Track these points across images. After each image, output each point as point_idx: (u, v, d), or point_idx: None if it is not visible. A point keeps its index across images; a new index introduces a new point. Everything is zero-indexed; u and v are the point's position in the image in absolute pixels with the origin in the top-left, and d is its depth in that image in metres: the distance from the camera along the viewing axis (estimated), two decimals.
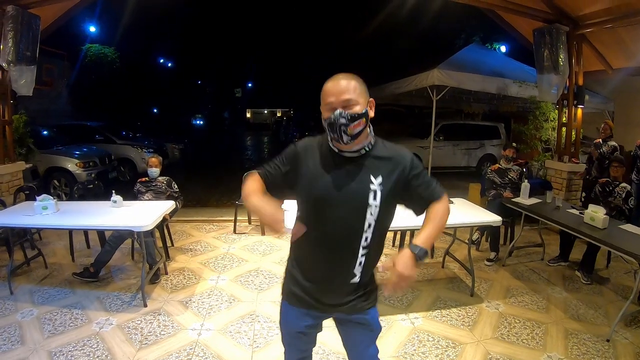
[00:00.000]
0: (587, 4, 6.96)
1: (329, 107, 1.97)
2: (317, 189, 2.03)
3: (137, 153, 13.15)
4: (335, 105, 1.95)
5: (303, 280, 2.23)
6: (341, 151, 2.05)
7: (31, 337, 4.06)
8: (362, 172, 2.02)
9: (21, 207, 5.43)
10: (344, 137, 1.95)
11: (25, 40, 6.46)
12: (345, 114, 1.93)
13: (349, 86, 1.97)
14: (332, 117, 1.95)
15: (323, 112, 2.02)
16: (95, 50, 18.78)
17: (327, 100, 1.98)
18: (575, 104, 7.82)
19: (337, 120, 1.93)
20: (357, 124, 1.95)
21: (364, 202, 2.00)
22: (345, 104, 1.95)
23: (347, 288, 2.16)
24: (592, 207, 5.01)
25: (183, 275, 5.58)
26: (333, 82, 2.00)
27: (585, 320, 4.62)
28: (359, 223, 2.03)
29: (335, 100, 1.95)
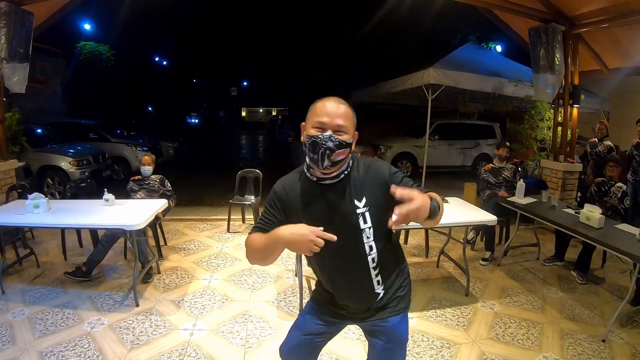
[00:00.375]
0: (583, 3, 6.94)
1: (319, 126, 1.92)
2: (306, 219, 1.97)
3: (131, 151, 13.12)
4: (328, 126, 1.91)
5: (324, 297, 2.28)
6: (320, 179, 2.02)
7: (22, 337, 4.02)
8: (345, 198, 2.00)
9: (13, 205, 5.38)
10: (325, 161, 1.89)
11: (18, 37, 6.40)
12: (335, 139, 1.88)
13: (344, 113, 1.94)
14: (320, 137, 1.88)
15: (308, 129, 1.96)
16: (90, 48, 18.70)
17: (318, 119, 1.92)
18: (571, 104, 7.81)
19: (325, 142, 1.87)
20: (341, 152, 1.91)
21: (356, 228, 1.99)
22: (337, 129, 1.91)
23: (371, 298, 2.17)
24: (587, 206, 5.00)
25: (176, 275, 5.55)
26: (329, 102, 1.95)
27: (581, 320, 4.61)
28: (359, 248, 2.02)
29: (329, 121, 1.91)
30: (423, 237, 6.68)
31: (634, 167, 7.23)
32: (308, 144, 1.91)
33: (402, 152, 13.68)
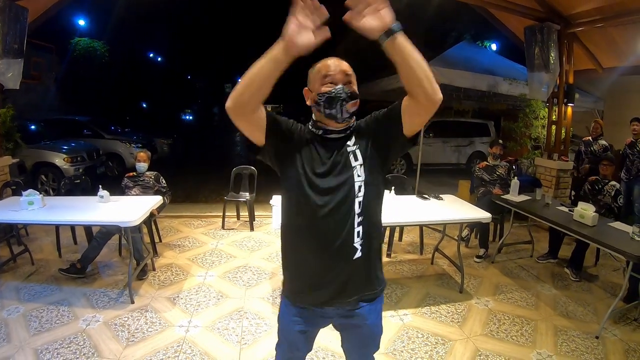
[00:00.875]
0: (578, 2, 6.96)
1: (329, 81, 1.93)
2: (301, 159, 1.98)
3: (125, 148, 13.07)
4: (337, 79, 1.92)
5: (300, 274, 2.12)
6: (326, 133, 2.02)
7: (17, 335, 4.01)
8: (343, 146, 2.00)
9: (7, 202, 5.36)
10: (343, 113, 1.92)
11: (12, 33, 6.37)
12: (347, 90, 1.91)
13: (347, 65, 1.96)
14: (334, 91, 1.90)
15: (317, 88, 1.96)
16: (84, 44, 18.66)
17: (325, 73, 1.94)
18: (566, 102, 7.84)
19: (340, 94, 1.89)
20: (353, 103, 1.94)
21: (348, 166, 1.98)
22: (347, 80, 1.93)
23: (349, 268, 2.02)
24: (581, 204, 5.03)
25: (171, 272, 5.55)
26: (330, 60, 1.97)
27: (575, 317, 4.63)
28: (348, 188, 1.96)
29: (337, 75, 1.93)
30: (417, 234, 6.70)
31: (627, 166, 7.26)
32: (322, 101, 1.92)
33: None
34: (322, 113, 1.95)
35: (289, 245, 2.14)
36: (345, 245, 1.98)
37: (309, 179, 1.96)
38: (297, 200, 2.00)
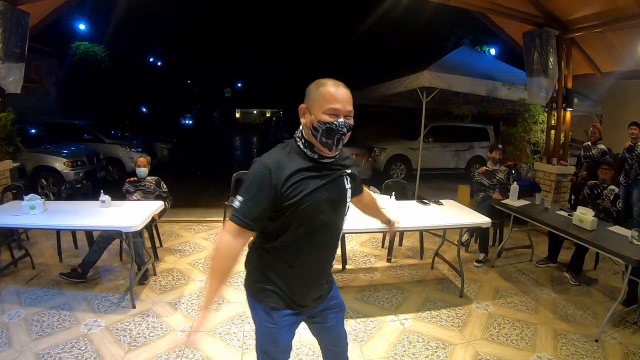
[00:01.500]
0: (577, 8, 7.00)
1: (333, 113, 1.98)
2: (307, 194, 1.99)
3: (125, 152, 13.08)
4: (341, 113, 1.99)
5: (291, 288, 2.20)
6: (321, 157, 2.09)
7: (18, 339, 4.02)
8: (338, 172, 2.15)
9: (8, 206, 5.37)
10: (339, 144, 2.02)
11: (14, 37, 6.39)
12: (347, 125, 2.00)
13: (350, 98, 2.04)
14: (336, 124, 1.97)
15: (318, 114, 1.99)
16: (85, 48, 18.65)
17: (331, 106, 1.98)
18: (564, 107, 7.87)
19: (341, 129, 1.98)
20: (348, 135, 2.03)
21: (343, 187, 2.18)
22: (348, 114, 2.02)
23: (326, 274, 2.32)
24: (580, 209, 5.05)
25: (172, 276, 5.56)
26: (338, 88, 2.02)
27: (574, 320, 4.66)
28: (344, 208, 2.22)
29: (342, 108, 1.99)
30: (418, 239, 6.72)
31: (626, 170, 7.28)
32: (322, 130, 1.97)
33: (396, 154, 13.71)
34: (318, 140, 2.01)
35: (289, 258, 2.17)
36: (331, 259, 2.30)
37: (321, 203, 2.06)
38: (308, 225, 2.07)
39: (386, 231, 1.91)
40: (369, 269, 6.02)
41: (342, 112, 1.98)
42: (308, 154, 2.07)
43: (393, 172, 13.58)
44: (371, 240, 7.12)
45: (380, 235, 7.01)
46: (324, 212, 2.07)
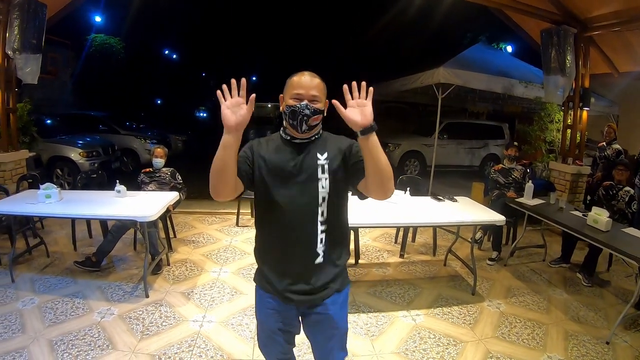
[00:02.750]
0: (595, 6, 6.94)
1: (296, 97, 2.14)
2: (270, 166, 2.17)
3: (140, 144, 13.16)
4: (304, 97, 2.13)
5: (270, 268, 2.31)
6: (293, 138, 2.23)
7: (32, 326, 4.07)
8: (310, 151, 2.20)
9: (24, 195, 5.43)
10: (303, 125, 2.14)
11: (31, 29, 6.45)
12: (310, 107, 2.12)
13: (317, 84, 2.18)
14: (298, 106, 2.11)
15: (286, 100, 2.18)
16: (100, 40, 18.77)
17: (295, 91, 2.14)
18: (581, 106, 7.80)
19: (303, 110, 2.11)
20: (316, 118, 2.15)
21: (314, 176, 2.16)
22: (312, 98, 2.14)
23: (311, 270, 2.24)
24: (595, 209, 5.02)
25: (185, 267, 5.60)
26: (303, 76, 2.19)
27: (586, 322, 4.63)
28: (313, 197, 2.17)
29: (305, 93, 2.13)
30: (431, 235, 6.70)
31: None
32: (288, 112, 2.15)
33: (410, 150, 13.66)
34: (288, 123, 2.20)
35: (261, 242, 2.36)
36: (307, 249, 2.21)
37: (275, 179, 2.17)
38: (265, 200, 2.21)
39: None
40: (381, 264, 6.02)
41: (305, 97, 2.13)
42: (283, 136, 2.27)
43: (407, 168, 13.54)
44: (384, 236, 7.12)
45: (394, 231, 7.01)
46: (278, 185, 2.17)
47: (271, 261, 2.30)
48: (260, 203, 2.26)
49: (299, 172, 2.17)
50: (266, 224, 2.28)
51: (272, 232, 2.26)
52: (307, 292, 2.25)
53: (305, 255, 2.22)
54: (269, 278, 2.29)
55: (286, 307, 2.31)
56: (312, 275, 2.25)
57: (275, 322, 2.34)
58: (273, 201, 2.16)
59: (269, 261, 2.31)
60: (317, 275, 2.25)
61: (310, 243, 2.20)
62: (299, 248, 2.21)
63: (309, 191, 2.16)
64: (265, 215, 2.26)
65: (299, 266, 2.24)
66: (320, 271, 2.25)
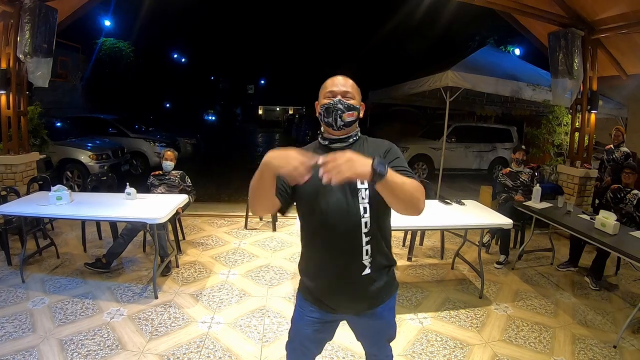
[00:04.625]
0: (603, 9, 6.94)
1: (330, 95, 2.15)
2: (311, 181, 1.94)
3: (149, 147, 13.24)
4: (336, 93, 2.14)
5: (314, 281, 2.29)
6: (331, 143, 2.21)
7: (42, 325, 4.12)
8: None
9: (35, 197, 5.49)
10: (338, 121, 2.12)
11: (42, 33, 6.52)
12: (344, 102, 2.12)
13: (350, 84, 2.20)
14: (331, 102, 2.12)
15: (321, 101, 2.18)
16: (110, 44, 18.88)
17: (328, 90, 2.17)
18: (589, 109, 7.78)
19: (336, 105, 2.11)
20: (350, 114, 2.13)
21: (353, 186, 2.08)
22: (345, 94, 2.14)
23: (360, 283, 2.17)
24: (603, 212, 5.00)
25: (194, 269, 5.63)
26: (335, 78, 2.20)
27: (593, 326, 4.62)
28: (355, 208, 2.09)
29: (337, 90, 2.15)
30: (439, 238, 6.71)
31: None
32: (322, 111, 2.15)
33: (418, 153, 13.66)
34: (324, 122, 2.18)
35: (305, 255, 2.34)
36: (353, 262, 2.14)
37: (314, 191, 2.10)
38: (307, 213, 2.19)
39: None
40: None
41: (338, 93, 2.14)
42: (321, 142, 2.26)
43: (415, 171, 13.52)
44: (392, 239, 7.10)
45: (401, 234, 7.01)
46: (323, 200, 2.10)
47: (315, 276, 2.27)
48: (302, 216, 2.24)
49: (343, 185, 2.05)
50: (309, 237, 2.25)
51: (316, 245, 2.22)
52: (355, 304, 2.25)
53: (351, 269, 2.15)
54: (313, 291, 2.29)
55: (328, 316, 2.32)
56: (361, 288, 2.19)
57: (312, 330, 2.35)
58: (314, 214, 2.13)
59: (313, 275, 2.29)
60: (364, 287, 2.19)
61: (356, 255, 2.13)
62: (344, 262, 2.14)
63: (350, 202, 2.08)
64: (308, 227, 2.23)
65: (345, 280, 2.17)
66: (369, 283, 2.19)
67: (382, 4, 21.68)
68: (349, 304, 2.25)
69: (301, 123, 26.55)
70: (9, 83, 6.61)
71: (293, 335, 2.45)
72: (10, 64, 6.61)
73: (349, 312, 2.30)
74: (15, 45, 6.51)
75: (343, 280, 2.17)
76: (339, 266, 2.15)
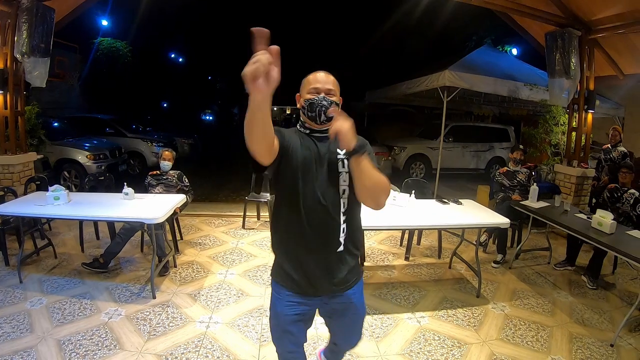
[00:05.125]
0: (600, 9, 6.96)
1: (314, 91, 2.31)
2: (298, 162, 2.26)
3: (147, 147, 13.20)
4: (320, 90, 2.30)
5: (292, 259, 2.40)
6: (312, 132, 2.38)
7: (40, 326, 4.11)
8: (329, 146, 2.33)
9: (32, 197, 5.49)
10: (322, 116, 2.28)
11: (39, 33, 6.51)
12: (328, 99, 2.29)
13: (332, 80, 2.35)
14: (315, 98, 2.28)
15: (304, 95, 2.35)
16: (107, 43, 18.83)
17: (312, 86, 2.32)
18: (586, 109, 7.81)
19: (321, 102, 2.27)
20: (333, 110, 2.25)
21: (335, 170, 2.30)
22: (328, 92, 2.31)
23: (334, 258, 2.36)
24: (600, 212, 5.02)
25: (192, 269, 5.63)
26: (318, 73, 2.36)
27: (590, 324, 4.63)
28: (335, 189, 2.30)
29: (321, 87, 2.31)
30: (436, 238, 6.73)
31: None
32: (306, 105, 2.31)
33: (415, 153, 13.65)
34: (306, 116, 2.35)
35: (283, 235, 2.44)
36: (331, 238, 2.33)
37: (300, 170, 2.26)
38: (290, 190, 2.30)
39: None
40: (386, 266, 6.05)
41: (321, 90, 2.30)
42: (301, 130, 2.41)
43: (412, 171, 13.55)
44: (389, 238, 7.14)
45: (399, 234, 7.03)
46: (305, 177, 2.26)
47: (294, 252, 2.38)
48: (283, 194, 2.35)
49: (322, 165, 2.29)
50: (290, 215, 2.34)
51: (297, 223, 2.31)
52: (330, 281, 2.39)
53: (329, 245, 2.33)
54: (290, 270, 2.39)
55: (306, 299, 2.44)
56: (335, 264, 2.37)
57: (293, 313, 2.44)
58: (299, 192, 2.26)
59: (292, 252, 2.39)
60: (338, 264, 2.38)
61: (335, 232, 2.32)
62: (324, 238, 2.32)
63: (333, 184, 2.28)
64: (290, 206, 2.32)
65: (323, 255, 2.35)
66: (342, 260, 2.39)
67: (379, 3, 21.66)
68: (324, 281, 2.38)
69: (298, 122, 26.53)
70: (6, 83, 6.60)
71: (275, 325, 2.54)
72: (7, 64, 6.60)
73: (324, 291, 2.42)
74: (13, 45, 6.51)
75: (321, 256, 2.35)
76: (318, 242, 2.32)
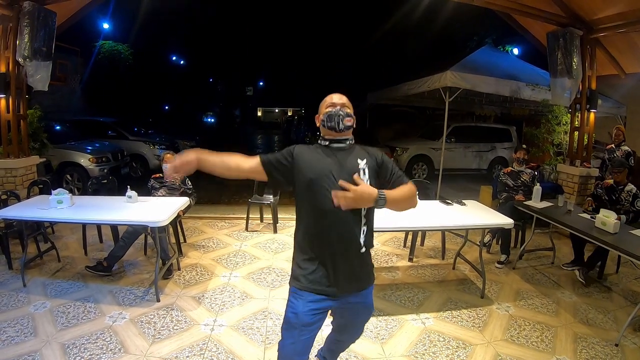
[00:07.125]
0: (601, 8, 6.95)
1: (331, 106, 2.61)
2: (315, 172, 2.47)
3: (149, 149, 13.22)
4: (337, 104, 2.61)
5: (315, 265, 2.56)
6: (331, 143, 2.61)
7: (44, 329, 4.11)
8: (350, 156, 2.57)
9: (35, 200, 5.49)
10: (340, 124, 2.55)
11: (41, 36, 6.52)
12: (343, 110, 2.59)
13: (344, 98, 2.67)
14: (333, 110, 2.58)
15: (323, 111, 2.64)
16: (109, 46, 18.87)
17: (329, 103, 2.63)
18: (588, 108, 7.80)
19: (338, 112, 2.57)
20: (349, 119, 2.59)
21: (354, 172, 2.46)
22: (343, 106, 2.61)
23: (356, 260, 2.57)
24: (603, 211, 5.01)
25: (195, 272, 5.63)
26: (334, 95, 2.68)
27: (595, 324, 4.62)
28: None
29: (337, 102, 2.62)
30: (440, 239, 6.71)
31: None
32: (325, 117, 2.58)
33: (418, 154, 13.66)
34: (325, 127, 2.60)
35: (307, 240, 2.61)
36: (355, 242, 2.52)
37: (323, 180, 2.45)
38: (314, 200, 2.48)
39: None
40: (390, 267, 6.04)
41: (338, 104, 2.61)
42: (321, 143, 2.65)
43: (415, 172, 13.54)
44: (393, 240, 7.14)
45: (402, 235, 7.03)
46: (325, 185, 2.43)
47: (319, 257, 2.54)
48: (305, 204, 2.55)
49: (342, 173, 2.43)
50: (312, 221, 2.54)
51: (320, 228, 2.50)
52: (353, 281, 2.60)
53: (351, 247, 2.52)
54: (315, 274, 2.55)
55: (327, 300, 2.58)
56: (357, 265, 2.59)
57: (313, 313, 2.56)
58: (318, 199, 2.44)
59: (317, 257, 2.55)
60: (360, 265, 2.61)
61: (356, 235, 2.51)
62: (348, 242, 2.50)
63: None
64: (312, 213, 2.52)
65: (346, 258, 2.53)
66: (363, 261, 2.62)
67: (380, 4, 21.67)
68: (347, 282, 2.56)
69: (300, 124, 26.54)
70: (8, 87, 6.61)
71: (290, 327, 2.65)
72: (9, 68, 6.60)
73: (346, 290, 2.58)
74: (15, 49, 6.51)
75: (345, 257, 2.53)
76: (343, 245, 2.51)
